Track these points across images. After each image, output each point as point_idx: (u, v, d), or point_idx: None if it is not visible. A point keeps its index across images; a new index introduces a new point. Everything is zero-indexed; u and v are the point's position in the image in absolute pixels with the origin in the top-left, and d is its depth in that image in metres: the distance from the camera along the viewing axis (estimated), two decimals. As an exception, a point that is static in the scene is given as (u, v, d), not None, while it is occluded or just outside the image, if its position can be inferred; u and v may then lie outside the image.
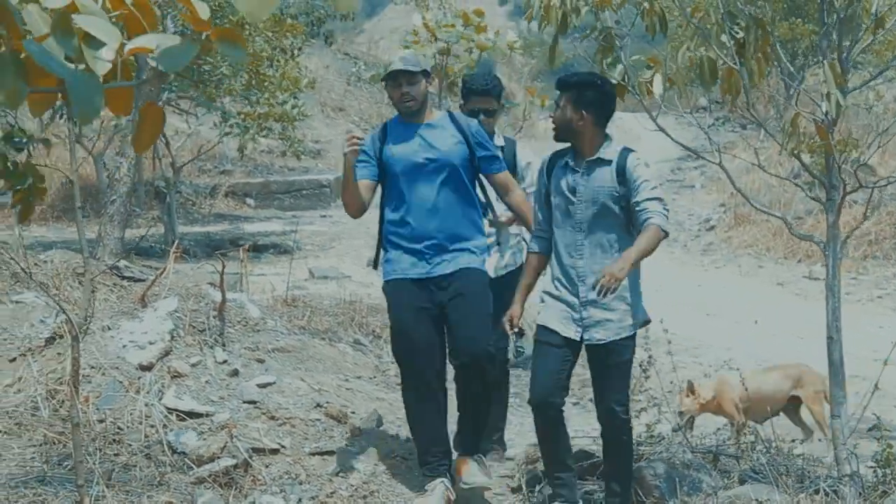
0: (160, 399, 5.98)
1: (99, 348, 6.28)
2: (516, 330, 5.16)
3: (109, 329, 6.52)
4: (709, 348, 9.60)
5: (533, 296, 5.31)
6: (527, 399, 8.31)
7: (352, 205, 5.34)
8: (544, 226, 5.13)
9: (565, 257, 4.97)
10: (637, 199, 4.84)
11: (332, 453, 5.78)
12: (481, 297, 5.31)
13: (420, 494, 5.34)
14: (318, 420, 6.11)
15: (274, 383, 6.41)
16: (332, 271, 12.54)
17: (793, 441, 5.52)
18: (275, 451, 5.70)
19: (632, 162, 4.90)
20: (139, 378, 6.11)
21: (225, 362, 6.51)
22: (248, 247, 9.79)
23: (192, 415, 5.91)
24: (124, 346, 6.35)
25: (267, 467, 5.58)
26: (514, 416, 7.42)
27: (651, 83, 5.08)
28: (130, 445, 5.61)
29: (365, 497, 5.40)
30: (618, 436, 5.04)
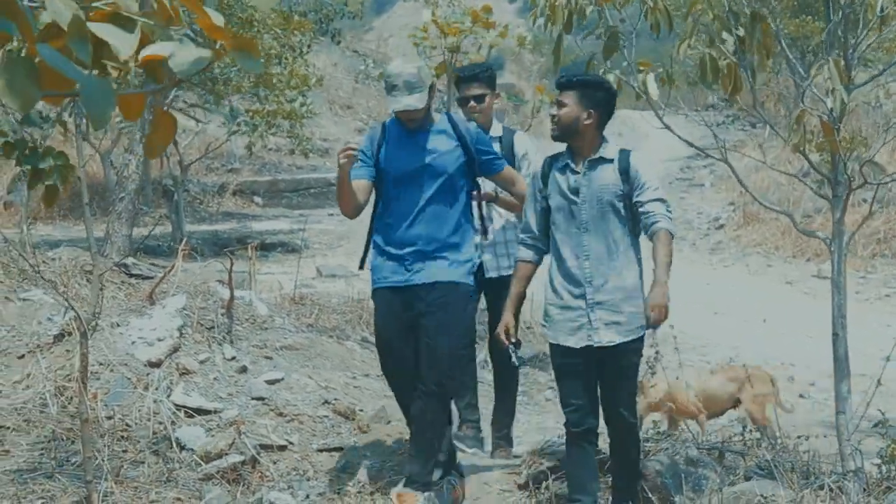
0: (168, 395, 6.01)
1: (107, 345, 6.31)
2: (514, 341, 5.04)
3: (118, 326, 6.54)
4: (716, 346, 9.60)
5: (537, 290, 5.28)
6: (535, 398, 8.37)
7: (347, 206, 5.28)
8: (535, 232, 5.05)
9: (570, 260, 4.88)
10: (641, 198, 4.82)
11: (339, 450, 5.80)
12: (455, 319, 5.17)
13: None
14: (325, 417, 6.14)
15: (282, 380, 6.43)
16: (339, 269, 12.56)
17: (798, 437, 5.52)
18: (283, 448, 5.73)
19: (635, 161, 4.89)
20: (147, 374, 6.14)
21: (233, 359, 6.53)
22: (256, 245, 9.80)
23: (200, 411, 5.94)
24: (133, 343, 6.38)
25: (275, 463, 5.61)
26: (522, 415, 7.45)
27: (644, 83, 5.08)
28: (138, 442, 5.64)
29: (372, 493, 5.41)
30: (624, 437, 4.98)
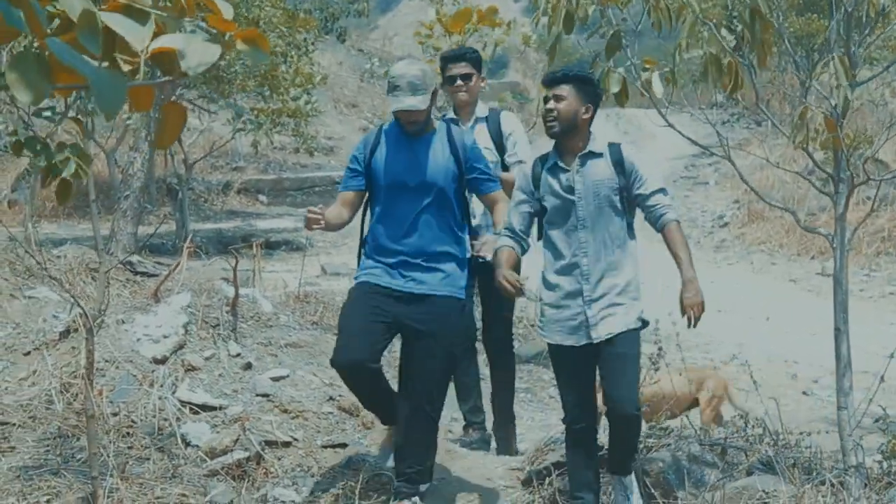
0: (174, 392, 6.03)
1: (113, 342, 6.33)
2: (521, 286, 4.86)
3: (123, 323, 6.57)
4: (720, 344, 9.61)
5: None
6: (539, 395, 8.38)
7: (338, 229, 5.53)
8: (515, 230, 5.01)
9: (567, 258, 4.84)
10: (643, 191, 4.83)
11: (344, 446, 5.82)
12: (449, 333, 5.15)
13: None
14: (330, 413, 6.16)
15: (287, 377, 6.45)
16: (343, 268, 12.58)
17: (801, 433, 5.53)
18: (287, 444, 5.75)
19: (628, 153, 4.88)
20: (153, 371, 6.16)
21: (238, 356, 6.55)
22: (260, 243, 9.83)
23: (205, 408, 5.96)
24: (138, 340, 6.40)
25: (279, 460, 5.63)
26: (525, 412, 7.47)
27: (650, 83, 5.09)
28: (144, 438, 5.67)
29: (377, 489, 5.43)
30: (627, 431, 4.91)
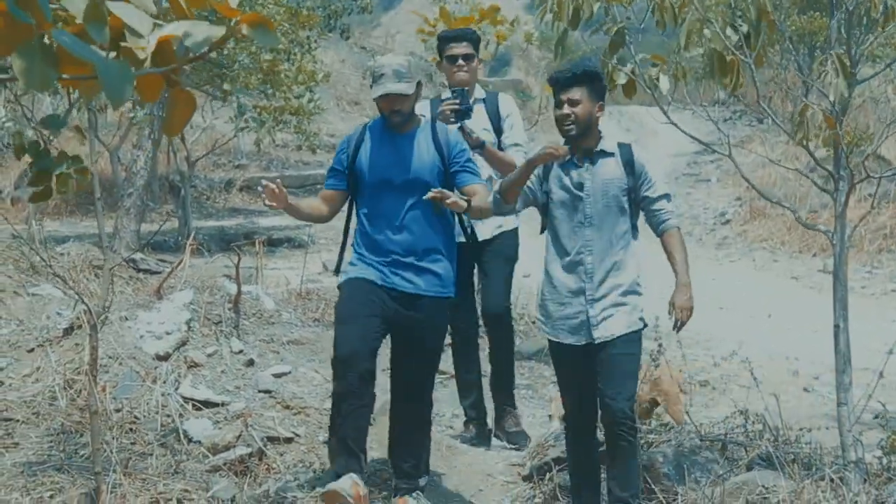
0: (176, 388, 6.06)
1: (116, 338, 6.36)
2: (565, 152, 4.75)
3: (126, 320, 6.59)
4: (721, 341, 9.58)
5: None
6: (540, 392, 8.38)
7: (312, 220, 5.46)
8: (510, 202, 4.93)
9: (572, 255, 4.82)
10: (650, 194, 4.85)
11: (345, 442, 5.84)
12: (433, 337, 5.21)
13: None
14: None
15: (289, 373, 6.48)
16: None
17: (800, 430, 5.55)
18: (289, 440, 5.77)
19: (639, 155, 4.89)
20: (156, 368, 6.19)
21: (241, 352, 6.58)
22: (263, 240, 9.84)
23: (207, 404, 5.99)
24: (141, 337, 6.43)
25: (281, 455, 5.65)
26: (526, 408, 7.47)
27: (657, 80, 5.10)
28: (147, 434, 5.69)
29: (378, 485, 5.45)
30: (622, 436, 4.84)
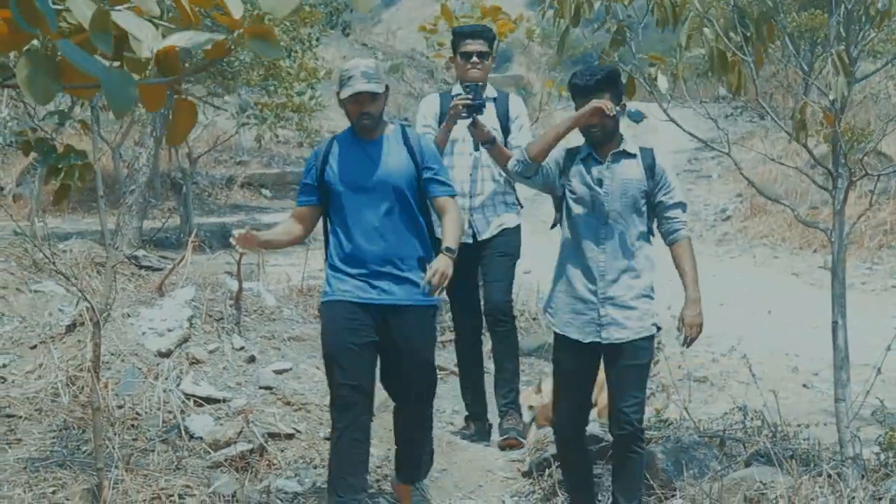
0: (178, 385, 6.08)
1: (118, 335, 6.39)
2: (619, 109, 4.69)
3: (128, 317, 6.62)
4: (721, 337, 9.60)
5: (542, 280, 5.30)
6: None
7: (290, 245, 5.25)
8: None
9: (587, 251, 4.77)
10: (666, 200, 4.81)
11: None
12: (425, 346, 5.05)
13: None
14: (332, 406, 6.20)
15: (290, 370, 6.50)
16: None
17: (799, 426, 5.58)
18: (290, 436, 5.79)
19: (661, 159, 4.84)
20: (158, 364, 6.21)
21: (242, 349, 6.60)
22: (264, 236, 9.83)
23: (209, 400, 6.01)
24: (143, 334, 6.46)
25: (282, 452, 5.67)
26: (527, 404, 7.48)
27: (655, 79, 5.12)
28: (148, 430, 5.72)
29: (378, 481, 5.48)
30: (630, 446, 4.82)
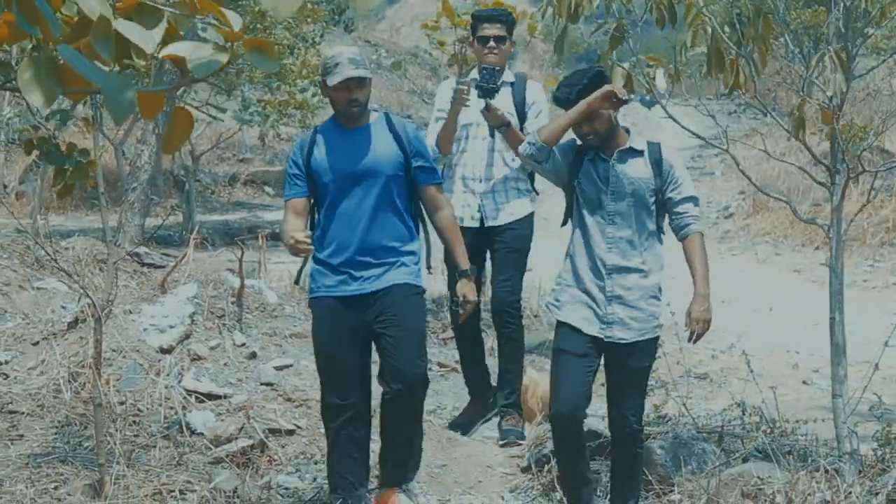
0: (179, 381, 6.10)
1: (120, 332, 6.41)
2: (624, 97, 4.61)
3: (130, 313, 6.65)
4: (723, 333, 9.59)
5: (544, 277, 5.32)
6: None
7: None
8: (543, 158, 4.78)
9: (596, 249, 4.72)
10: (675, 195, 4.75)
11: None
12: (414, 317, 4.90)
13: None
14: (333, 402, 6.22)
15: (291, 366, 6.53)
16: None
17: (797, 422, 5.59)
18: (291, 432, 5.81)
19: (668, 155, 4.78)
20: (159, 361, 6.24)
21: (243, 345, 6.63)
22: (266, 234, 9.87)
23: (210, 396, 6.03)
24: (145, 330, 6.49)
25: (283, 447, 5.69)
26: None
27: (654, 79, 5.12)
28: (150, 426, 5.74)
29: (378, 477, 5.49)
30: (630, 448, 4.82)
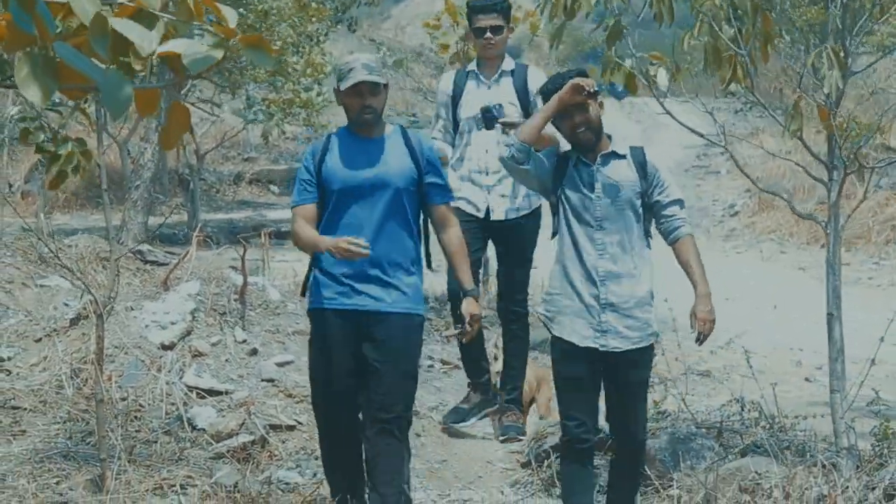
0: (181, 377, 6.14)
1: (122, 328, 6.45)
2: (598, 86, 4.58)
3: (132, 310, 6.68)
4: (726, 331, 9.61)
5: (545, 277, 5.31)
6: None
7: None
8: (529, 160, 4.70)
9: (586, 256, 4.63)
10: (662, 198, 4.73)
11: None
12: (409, 359, 4.77)
13: None
14: (333, 398, 6.24)
15: (292, 362, 6.55)
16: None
17: (796, 417, 5.60)
18: (291, 428, 5.84)
19: (652, 157, 4.76)
20: (161, 357, 6.27)
21: (244, 342, 6.65)
22: (270, 232, 9.90)
23: (211, 392, 6.07)
24: (147, 326, 6.51)
25: (283, 443, 5.72)
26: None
27: (655, 76, 5.13)
28: (151, 422, 5.78)
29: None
30: (633, 460, 4.76)
